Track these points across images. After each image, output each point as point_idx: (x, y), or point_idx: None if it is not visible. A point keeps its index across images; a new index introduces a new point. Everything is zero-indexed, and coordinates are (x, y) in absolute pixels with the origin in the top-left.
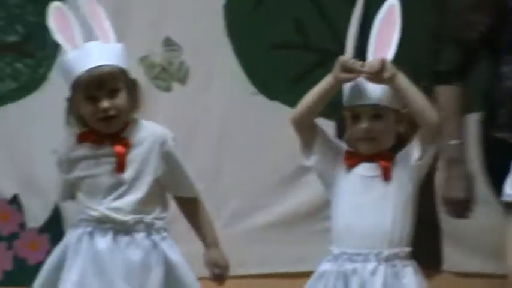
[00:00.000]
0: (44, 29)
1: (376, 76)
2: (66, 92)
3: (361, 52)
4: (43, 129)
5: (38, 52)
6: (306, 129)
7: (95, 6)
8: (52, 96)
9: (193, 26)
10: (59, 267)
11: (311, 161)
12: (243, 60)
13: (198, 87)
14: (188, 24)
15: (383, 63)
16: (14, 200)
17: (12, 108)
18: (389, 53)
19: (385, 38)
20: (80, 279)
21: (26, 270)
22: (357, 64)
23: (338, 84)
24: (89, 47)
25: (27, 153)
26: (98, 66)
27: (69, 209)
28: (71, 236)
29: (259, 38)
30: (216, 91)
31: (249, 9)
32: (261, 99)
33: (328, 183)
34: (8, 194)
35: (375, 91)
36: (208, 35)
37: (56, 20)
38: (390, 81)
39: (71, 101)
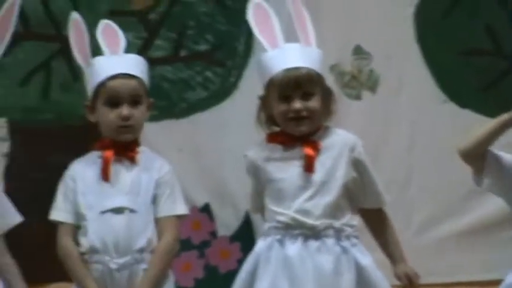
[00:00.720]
0: (234, 38)
1: None
2: (255, 101)
3: None
4: (233, 138)
5: (228, 61)
6: (474, 160)
7: (300, 8)
8: (242, 105)
9: (383, 34)
10: (252, 276)
11: (484, 185)
12: (433, 68)
13: (388, 95)
14: (378, 32)
15: None
16: (206, 209)
17: (202, 117)
18: None
19: None
20: (271, 287)
21: (216, 278)
22: None
23: None
24: (289, 47)
25: (217, 161)
26: (297, 68)
27: (260, 218)
28: (261, 244)
29: (449, 45)
30: (405, 99)
31: (438, 17)
32: (452, 107)
33: (509, 200)
34: (200, 202)
35: None
36: (398, 42)
37: (255, 16)
38: None
39: (264, 99)
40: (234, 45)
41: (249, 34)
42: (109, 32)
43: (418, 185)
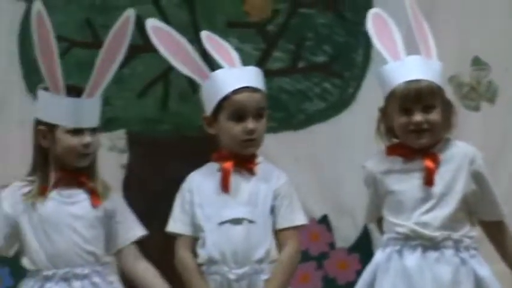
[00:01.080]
0: (352, 49)
1: None
2: (373, 113)
3: None
4: (351, 149)
5: (346, 72)
6: None
7: (421, 19)
8: (360, 116)
9: (501, 45)
10: (371, 287)
11: None
12: None
13: (507, 106)
14: (496, 43)
15: None
16: (324, 220)
17: (320, 128)
18: None
19: None
20: None
21: None
22: None
23: None
24: (410, 59)
25: (335, 173)
26: (418, 80)
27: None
28: (380, 255)
29: None
30: None
31: None
32: None
33: None
34: (317, 214)
35: None
36: None
37: (375, 27)
38: None
39: (384, 111)
40: (352, 57)
41: (368, 45)
42: (217, 45)
43: None
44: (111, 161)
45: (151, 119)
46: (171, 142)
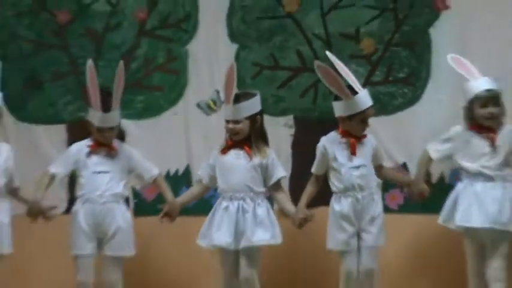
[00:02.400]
0: (419, 70)
1: None
2: (431, 107)
3: None
4: (418, 126)
5: (416, 83)
6: None
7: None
8: (423, 109)
9: None
10: None
11: None
12: None
13: None
14: None
15: None
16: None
17: (401, 114)
18: None
19: None
20: None
21: None
22: None
23: None
24: (483, 78)
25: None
26: (491, 89)
27: None
28: (460, 185)
29: None
30: None
31: None
32: None
33: None
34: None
35: None
36: None
37: (455, 63)
38: None
39: (469, 107)
40: (419, 75)
41: (428, 68)
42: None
43: None
44: (285, 133)
45: (308, 109)
46: (317, 123)
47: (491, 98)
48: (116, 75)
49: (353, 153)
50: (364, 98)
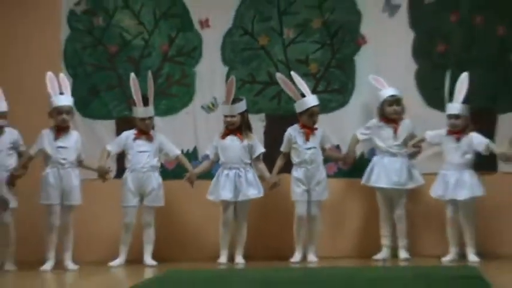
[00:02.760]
0: (347, 83)
1: None
2: (357, 108)
3: None
4: (347, 122)
5: (345, 92)
6: None
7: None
8: (350, 109)
9: None
10: None
11: None
12: None
13: None
14: None
15: None
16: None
17: (335, 113)
18: None
19: None
20: None
21: None
22: None
23: None
24: (390, 88)
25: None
26: (395, 95)
27: None
28: (375, 158)
29: None
30: None
31: None
32: None
33: None
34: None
35: None
36: None
37: (374, 80)
38: None
39: (381, 107)
40: (347, 86)
41: (353, 82)
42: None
43: None
44: (260, 125)
45: (274, 109)
46: (280, 119)
47: (395, 100)
48: (148, 83)
49: (307, 139)
50: (310, 100)
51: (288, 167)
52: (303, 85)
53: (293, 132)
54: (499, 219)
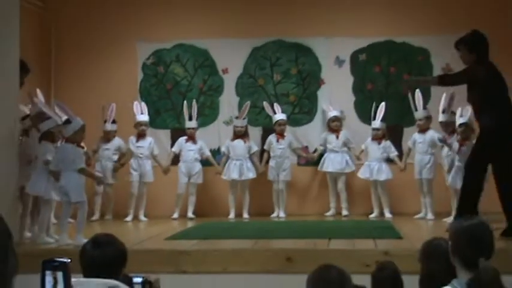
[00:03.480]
0: (312, 106)
1: None
2: (319, 123)
3: None
4: (314, 132)
5: (311, 112)
6: None
7: None
8: (314, 124)
9: None
10: None
11: None
12: None
13: None
14: None
15: None
16: None
17: (305, 127)
18: None
19: None
20: None
21: None
22: None
23: None
24: (333, 110)
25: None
26: (336, 115)
27: None
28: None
29: None
30: None
31: None
32: None
33: None
34: None
35: None
36: None
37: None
38: None
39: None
40: (313, 109)
41: (317, 106)
42: None
43: None
44: (258, 133)
45: (267, 124)
46: (271, 130)
47: (336, 119)
48: (193, 107)
49: (278, 141)
50: (279, 116)
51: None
52: (277, 107)
53: (271, 137)
54: (403, 191)
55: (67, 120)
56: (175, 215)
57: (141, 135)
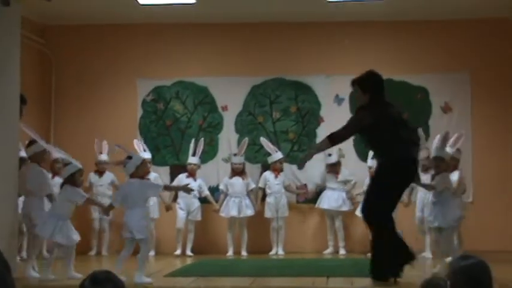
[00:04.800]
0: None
1: None
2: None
3: None
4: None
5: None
6: None
7: None
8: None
9: None
10: None
11: None
12: None
13: None
14: None
15: None
16: None
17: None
18: None
19: None
20: None
21: None
22: None
23: None
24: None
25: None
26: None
27: None
28: None
29: None
30: None
31: None
32: None
33: None
34: None
35: None
36: None
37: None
38: None
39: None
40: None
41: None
42: None
43: None
44: (257, 170)
45: (265, 161)
46: (269, 166)
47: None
48: (194, 144)
49: (275, 177)
50: (276, 155)
51: (263, 197)
52: (271, 147)
53: (267, 174)
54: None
55: (128, 156)
56: (178, 251)
57: (146, 173)
